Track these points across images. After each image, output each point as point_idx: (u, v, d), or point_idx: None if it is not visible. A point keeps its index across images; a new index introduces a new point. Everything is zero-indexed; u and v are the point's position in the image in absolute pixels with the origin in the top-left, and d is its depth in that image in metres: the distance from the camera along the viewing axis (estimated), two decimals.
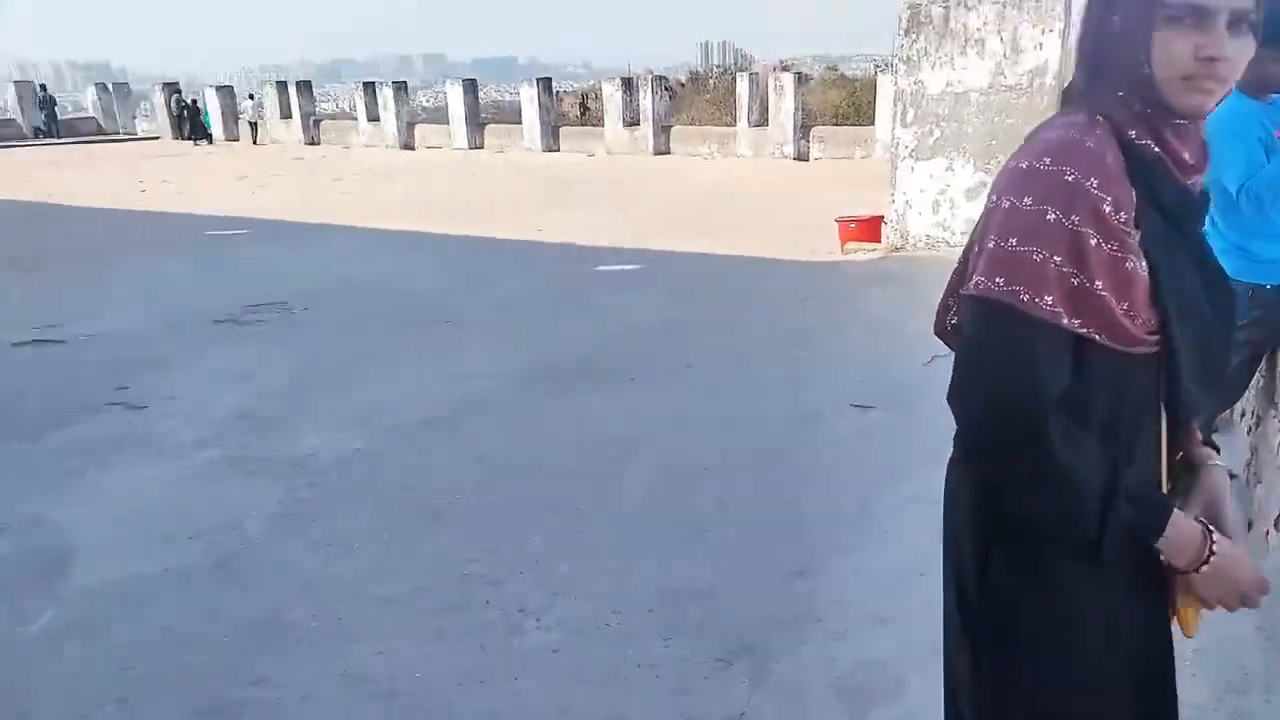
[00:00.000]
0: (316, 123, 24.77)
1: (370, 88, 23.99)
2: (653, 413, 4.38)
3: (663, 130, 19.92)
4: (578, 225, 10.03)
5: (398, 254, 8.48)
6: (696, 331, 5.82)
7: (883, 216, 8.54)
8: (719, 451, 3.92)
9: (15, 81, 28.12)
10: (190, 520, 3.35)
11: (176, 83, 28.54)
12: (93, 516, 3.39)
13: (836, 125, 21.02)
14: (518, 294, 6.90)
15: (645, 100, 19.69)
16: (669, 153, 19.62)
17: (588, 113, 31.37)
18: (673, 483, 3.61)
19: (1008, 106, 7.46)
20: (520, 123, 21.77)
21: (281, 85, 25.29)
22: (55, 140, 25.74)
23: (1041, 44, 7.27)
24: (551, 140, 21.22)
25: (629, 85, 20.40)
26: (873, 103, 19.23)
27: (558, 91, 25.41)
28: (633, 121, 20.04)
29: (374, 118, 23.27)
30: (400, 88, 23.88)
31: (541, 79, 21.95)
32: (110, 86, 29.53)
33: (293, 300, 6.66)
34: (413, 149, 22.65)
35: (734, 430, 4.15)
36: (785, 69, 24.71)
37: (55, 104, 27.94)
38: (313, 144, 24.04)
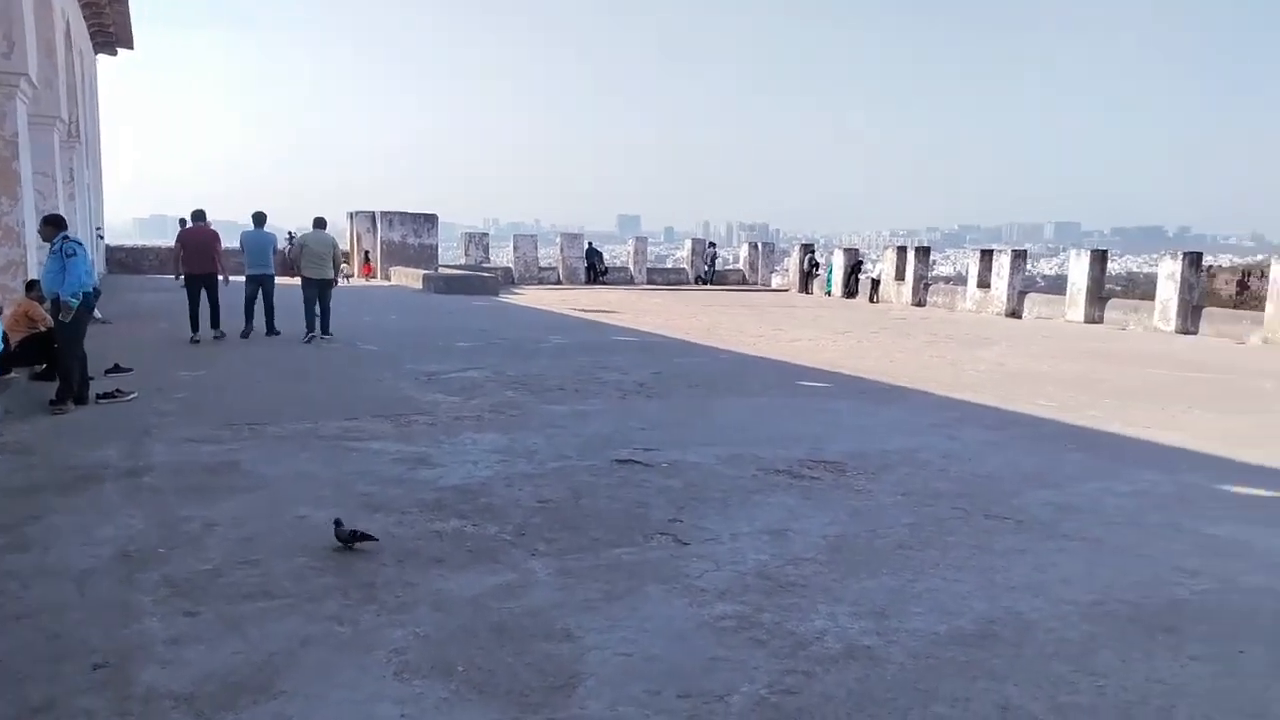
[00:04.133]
0: (926, 286, 25.47)
1: (987, 254, 23.96)
2: (1268, 712, 3.16)
3: None
4: (1210, 428, 8.25)
5: (969, 429, 7.95)
6: None
7: None
8: None
9: (693, 239, 34.87)
10: (683, 678, 3.36)
11: (812, 244, 32.22)
12: (609, 644, 3.63)
13: None
14: (1103, 502, 5.83)
15: None
16: None
17: (1245, 291, 26.60)
18: None
19: None
20: (1152, 298, 19.38)
21: (901, 250, 26.75)
22: (709, 286, 30.99)
23: None
24: (1190, 321, 18.38)
25: None
26: None
27: (1209, 266, 22.09)
28: None
29: (984, 284, 23.04)
30: (1019, 255, 23.37)
31: (1188, 253, 19.37)
32: (760, 244, 34.62)
33: (850, 462, 6.64)
34: (1019, 317, 21.74)
35: None
36: None
37: (716, 256, 33.82)
38: (919, 305, 24.73)
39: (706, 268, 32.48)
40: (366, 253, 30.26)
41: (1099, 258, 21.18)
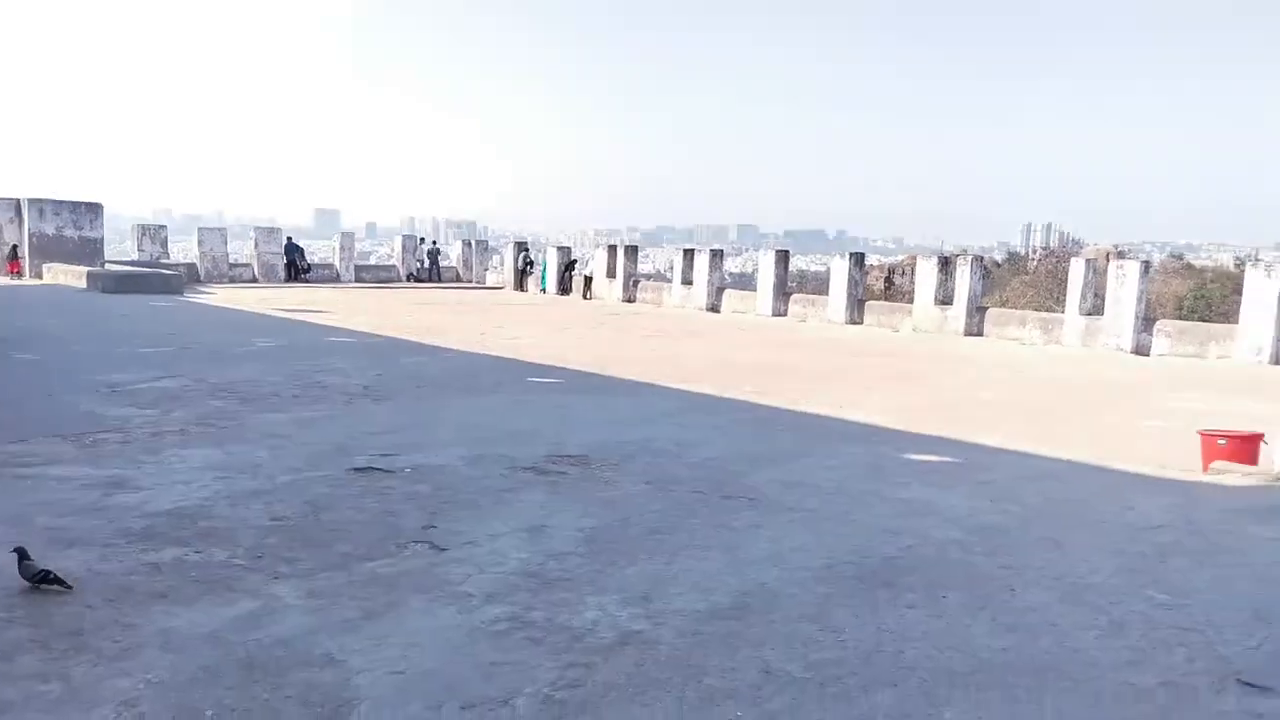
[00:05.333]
0: (635, 283, 26.74)
1: (689, 254, 25.64)
2: (970, 644, 3.70)
3: (977, 311, 18.94)
4: (888, 405, 9.50)
5: (697, 417, 8.49)
6: (1019, 547, 5.02)
7: (1262, 435, 7.12)
8: (1054, 716, 3.16)
9: (403, 235, 33.72)
10: (464, 688, 3.24)
11: (525, 241, 32.51)
12: (378, 663, 3.40)
13: (1182, 319, 18.72)
14: (817, 475, 6.49)
15: (961, 279, 18.95)
16: (981, 334, 18.52)
17: (892, 286, 31.03)
18: None
19: None
20: (825, 293, 21.91)
21: (612, 249, 27.83)
22: (423, 284, 30.13)
23: None
24: (856, 313, 21.01)
25: (945, 264, 19.84)
26: (1227, 298, 16.95)
27: (865, 266, 25.42)
28: (944, 300, 19.30)
29: (687, 281, 24.67)
30: (716, 254, 25.27)
31: (854, 253, 22.14)
32: (474, 242, 34.27)
33: (593, 455, 6.80)
34: (718, 312, 23.55)
35: (1074, 690, 3.35)
36: (1122, 255, 22.75)
37: (439, 254, 32.95)
38: (630, 301, 25.90)
39: (420, 265, 31.57)
40: (14, 247, 25.70)
41: (783, 257, 23.52)
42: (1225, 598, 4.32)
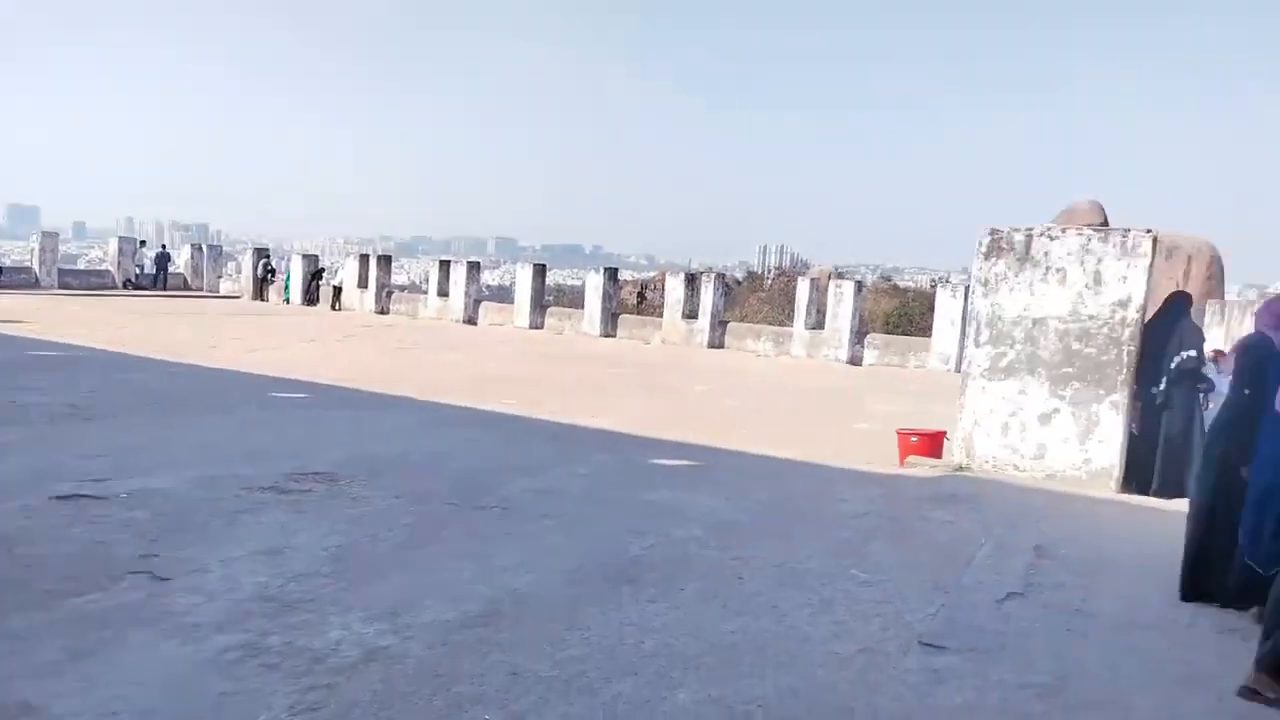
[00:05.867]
0: (389, 294, 25.89)
1: (445, 265, 25.22)
2: (701, 630, 4.03)
3: (719, 324, 20.30)
4: (638, 413, 9.95)
5: (452, 430, 8.43)
6: (749, 540, 5.50)
7: (945, 432, 8.29)
8: (773, 687, 3.53)
9: (120, 237, 30.26)
10: None
11: (267, 248, 30.41)
12: (87, 707, 3.10)
13: (888, 333, 21.22)
14: (570, 483, 6.70)
15: (706, 295, 20.23)
16: (723, 346, 19.88)
17: (644, 301, 32.41)
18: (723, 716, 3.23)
19: (1086, 335, 7.33)
20: (581, 306, 22.49)
21: (364, 258, 26.73)
22: (145, 293, 27.20)
23: (1126, 277, 7.21)
24: (610, 326, 21.74)
25: (691, 280, 21.08)
26: (925, 314, 19.46)
27: (619, 281, 26.42)
28: (690, 314, 20.51)
29: (444, 292, 24.28)
30: (473, 267, 25.06)
31: (609, 268, 22.90)
32: (205, 247, 31.51)
33: (341, 471, 6.55)
34: (476, 324, 23.39)
35: (789, 662, 3.76)
36: (841, 275, 25.36)
37: (169, 260, 29.81)
38: (383, 313, 25.02)
39: (139, 270, 28.46)
40: None
41: (539, 271, 23.86)
42: (912, 572, 5.01)
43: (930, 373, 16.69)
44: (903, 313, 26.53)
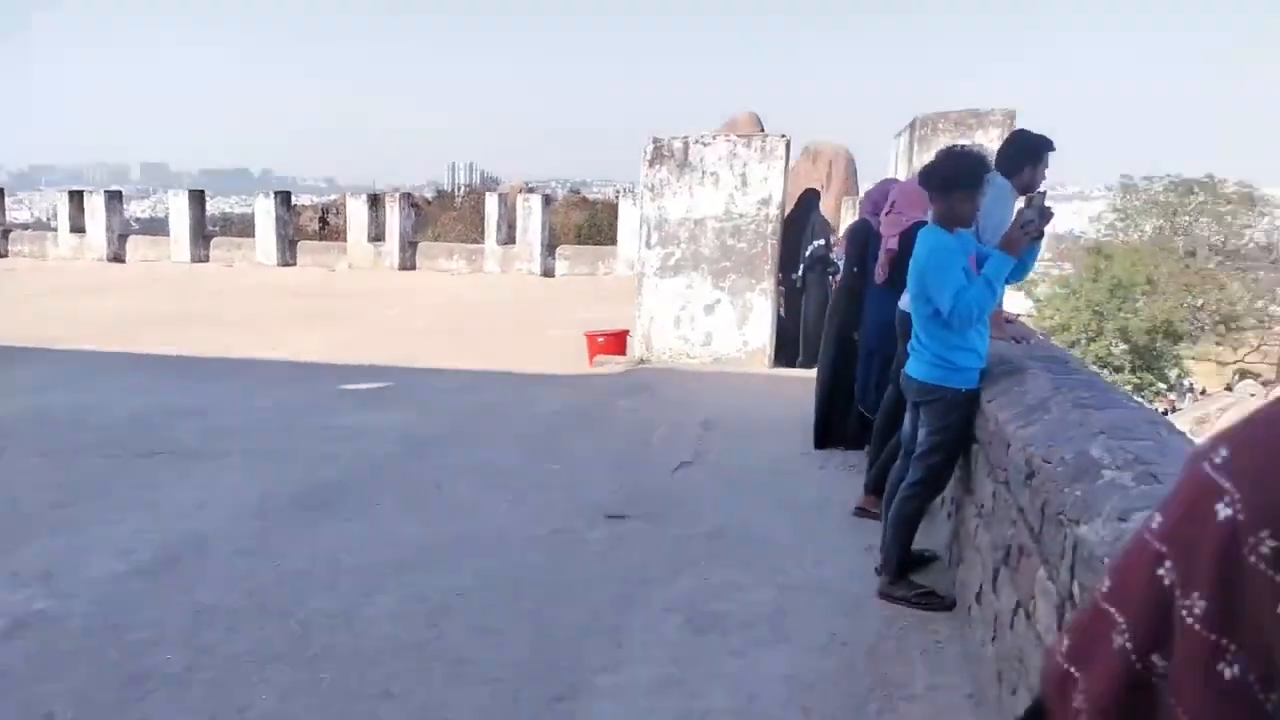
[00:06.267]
0: (6, 233, 21.94)
1: (77, 196, 21.76)
2: (400, 540, 4.11)
3: (409, 246, 19.71)
4: (321, 342, 9.51)
5: (102, 379, 7.53)
6: (446, 450, 5.62)
7: (628, 331, 8.89)
8: (473, 575, 3.73)
9: None
10: None
11: None
12: None
13: (580, 244, 21.93)
14: (250, 418, 6.33)
15: (392, 216, 19.47)
16: (415, 268, 19.38)
17: (327, 227, 30.45)
18: (424, 614, 3.37)
19: (738, 231, 8.18)
20: (253, 235, 20.64)
21: None
22: None
23: (767, 178, 8.11)
24: (288, 254, 20.24)
25: (375, 201, 20.13)
26: (613, 224, 20.37)
27: (296, 205, 24.57)
28: (377, 237, 19.68)
29: (79, 228, 21.03)
30: (114, 196, 21.88)
31: (280, 192, 21.10)
32: None
33: None
34: (123, 262, 20.64)
35: (487, 552, 3.99)
36: (531, 190, 25.64)
37: None
38: (2, 256, 21.21)
39: None
40: None
41: (198, 198, 21.41)
42: (597, 457, 5.44)
43: (619, 278, 17.57)
44: (592, 224, 27.42)
